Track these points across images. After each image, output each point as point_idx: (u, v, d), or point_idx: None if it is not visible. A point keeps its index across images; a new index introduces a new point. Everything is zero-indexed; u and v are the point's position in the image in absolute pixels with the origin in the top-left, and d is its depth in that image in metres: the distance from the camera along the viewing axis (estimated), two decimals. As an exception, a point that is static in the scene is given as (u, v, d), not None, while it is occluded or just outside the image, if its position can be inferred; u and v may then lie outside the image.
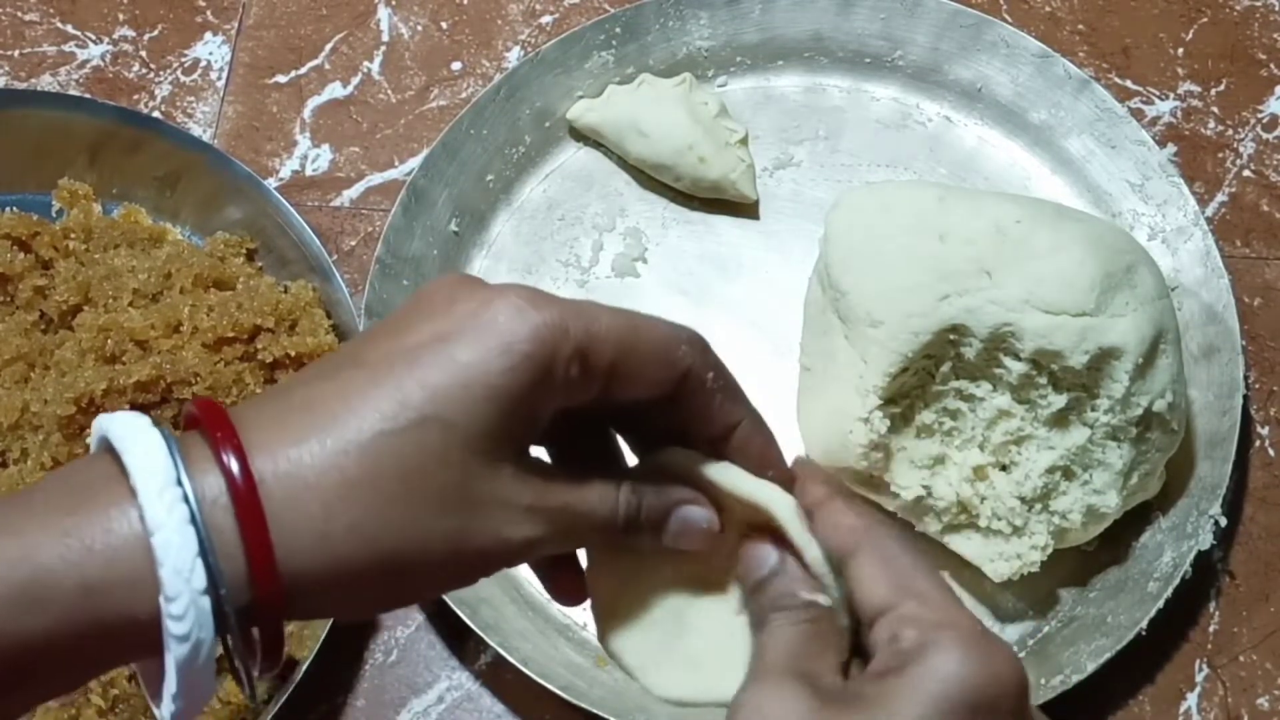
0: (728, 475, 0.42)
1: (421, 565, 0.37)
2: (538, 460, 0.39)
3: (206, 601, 0.34)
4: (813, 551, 0.41)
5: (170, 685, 0.34)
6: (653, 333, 0.40)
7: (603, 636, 0.44)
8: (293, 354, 0.71)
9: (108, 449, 0.36)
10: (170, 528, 0.33)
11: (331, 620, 0.64)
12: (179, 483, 0.34)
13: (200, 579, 0.34)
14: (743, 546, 0.42)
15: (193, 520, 0.34)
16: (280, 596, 0.35)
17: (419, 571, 0.37)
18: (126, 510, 0.34)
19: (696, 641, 0.43)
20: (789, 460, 0.44)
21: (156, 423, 0.36)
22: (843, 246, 0.68)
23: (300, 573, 0.35)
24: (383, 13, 0.87)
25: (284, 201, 0.76)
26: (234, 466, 0.35)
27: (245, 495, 0.34)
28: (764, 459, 0.43)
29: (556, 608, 0.71)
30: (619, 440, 0.45)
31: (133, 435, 0.35)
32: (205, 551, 0.34)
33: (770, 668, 0.38)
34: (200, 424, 0.36)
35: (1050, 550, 0.66)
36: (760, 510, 0.42)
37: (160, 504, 0.34)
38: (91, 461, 0.36)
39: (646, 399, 0.40)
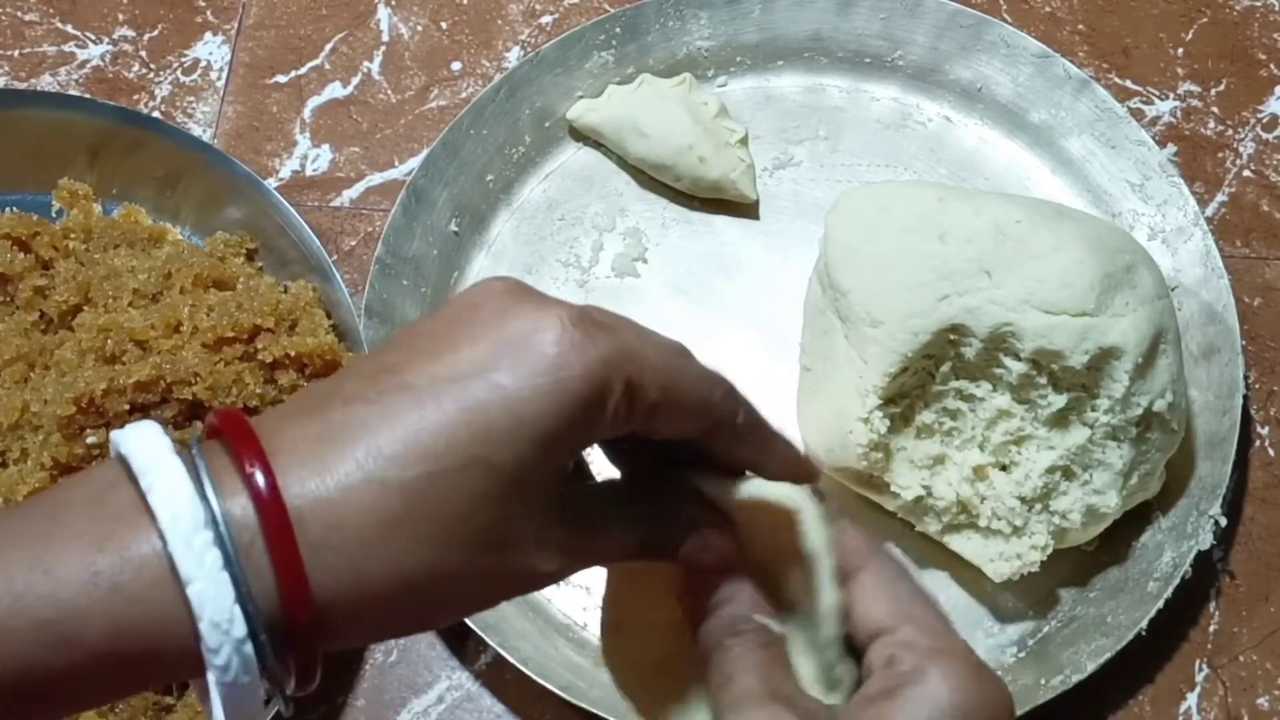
0: (757, 487, 0.41)
1: (454, 599, 0.37)
2: (565, 491, 0.38)
3: (249, 648, 0.33)
4: (825, 562, 0.40)
5: (219, 716, 0.34)
6: (692, 376, 0.39)
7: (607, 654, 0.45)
8: (293, 354, 0.71)
9: (129, 471, 0.34)
10: (204, 578, 0.33)
11: None
12: (208, 523, 0.33)
13: (240, 628, 0.33)
14: (692, 577, 0.41)
15: (226, 564, 0.33)
16: (312, 630, 0.34)
17: (451, 603, 0.37)
18: (156, 546, 0.33)
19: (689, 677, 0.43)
20: None
21: (177, 446, 0.34)
22: (843, 246, 0.68)
23: (332, 606, 0.34)
24: (383, 13, 0.87)
25: (284, 201, 0.76)
26: (268, 499, 0.33)
27: (280, 533, 0.33)
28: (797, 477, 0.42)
29: (557, 607, 0.71)
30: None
31: (155, 466, 0.34)
32: (242, 598, 0.33)
33: (750, 695, 0.38)
34: (225, 441, 0.35)
35: (1050, 550, 0.66)
36: (785, 522, 0.40)
37: (190, 553, 0.33)
38: (116, 484, 0.34)
39: (676, 435, 0.40)
